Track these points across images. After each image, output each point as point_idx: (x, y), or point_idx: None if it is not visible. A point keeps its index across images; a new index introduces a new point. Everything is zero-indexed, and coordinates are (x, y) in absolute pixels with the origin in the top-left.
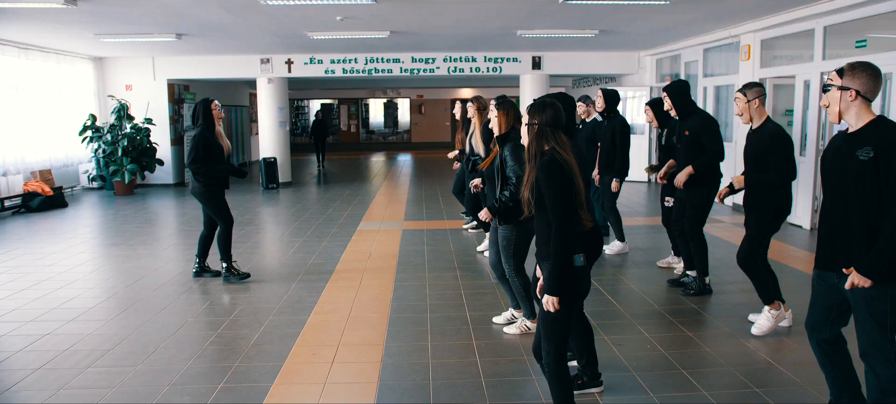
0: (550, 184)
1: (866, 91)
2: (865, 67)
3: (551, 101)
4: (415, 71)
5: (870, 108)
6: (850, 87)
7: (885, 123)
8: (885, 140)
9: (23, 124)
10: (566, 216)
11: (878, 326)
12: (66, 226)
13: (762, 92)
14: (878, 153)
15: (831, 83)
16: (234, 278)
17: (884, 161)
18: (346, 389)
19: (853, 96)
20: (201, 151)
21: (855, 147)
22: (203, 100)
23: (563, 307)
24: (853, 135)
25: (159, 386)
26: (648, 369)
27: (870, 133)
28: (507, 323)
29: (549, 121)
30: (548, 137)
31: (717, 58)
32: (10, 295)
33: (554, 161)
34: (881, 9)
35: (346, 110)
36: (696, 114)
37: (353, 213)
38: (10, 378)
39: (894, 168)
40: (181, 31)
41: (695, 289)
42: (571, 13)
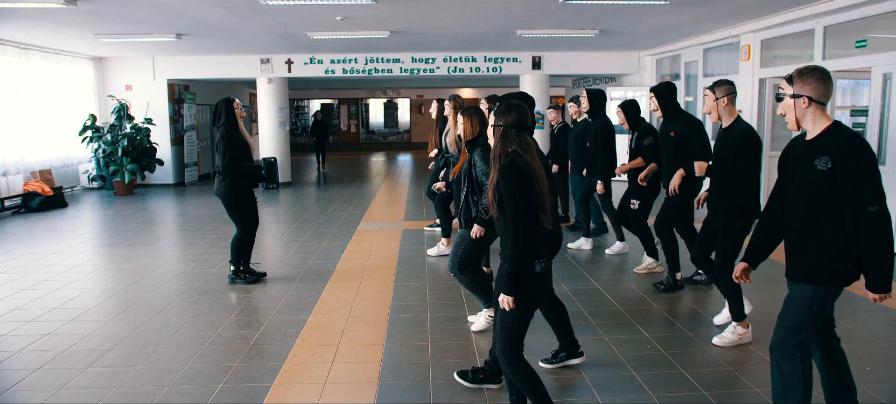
0: (510, 187)
1: (818, 96)
2: (814, 72)
3: (517, 103)
4: (415, 71)
5: (825, 113)
6: (801, 93)
7: (840, 131)
8: (841, 149)
9: (23, 124)
10: (525, 219)
11: (795, 324)
12: (66, 226)
13: (732, 89)
14: (836, 163)
15: (783, 92)
16: (241, 281)
17: (841, 171)
18: (346, 389)
19: (806, 103)
20: (234, 148)
21: (813, 155)
22: (225, 99)
23: (519, 308)
24: (811, 143)
25: (159, 386)
26: (648, 368)
27: (827, 141)
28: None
29: (514, 123)
30: (512, 139)
31: (718, 58)
32: (10, 295)
33: (514, 164)
34: (881, 9)
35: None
36: (681, 116)
37: (353, 213)
38: (10, 378)
39: (854, 180)
40: (181, 31)
41: (666, 285)
42: (571, 13)
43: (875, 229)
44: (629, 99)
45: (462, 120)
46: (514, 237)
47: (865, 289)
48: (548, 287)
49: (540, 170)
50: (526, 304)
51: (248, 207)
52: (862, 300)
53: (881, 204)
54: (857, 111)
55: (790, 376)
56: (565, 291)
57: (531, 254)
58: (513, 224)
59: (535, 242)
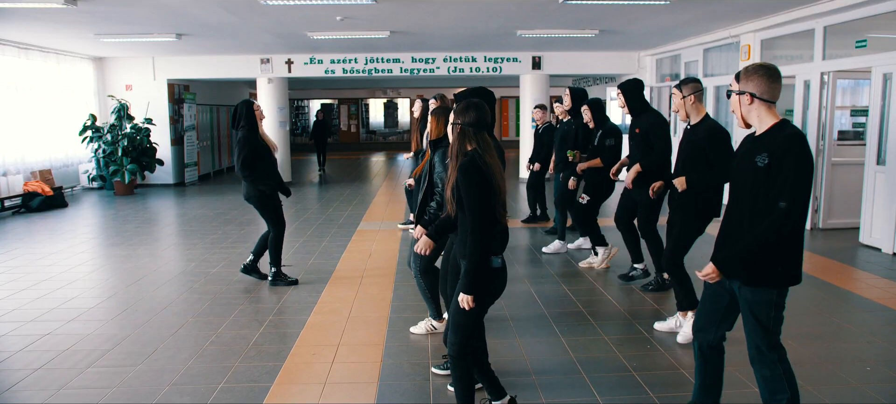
0: (468, 185)
1: (762, 93)
2: (760, 69)
3: (478, 102)
4: (415, 71)
5: (772, 111)
6: (744, 90)
7: (784, 129)
8: (779, 147)
9: (23, 124)
10: (484, 217)
11: (763, 330)
12: (66, 226)
13: (699, 88)
14: (772, 159)
15: (732, 88)
16: (281, 282)
17: (774, 167)
18: (347, 389)
19: (750, 100)
20: (249, 154)
21: (756, 151)
22: (245, 101)
23: (475, 304)
24: (757, 139)
25: (159, 386)
26: (647, 368)
27: (770, 138)
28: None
29: (473, 122)
30: (470, 138)
31: (718, 58)
32: (9, 295)
33: (473, 163)
34: (881, 9)
35: (346, 110)
36: (647, 113)
37: (353, 213)
38: (9, 378)
39: (782, 175)
40: (181, 31)
41: (654, 286)
42: (571, 13)
43: (772, 222)
44: (595, 97)
45: (430, 119)
46: (473, 234)
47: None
48: (503, 282)
49: (497, 167)
50: (482, 301)
51: (279, 207)
52: (861, 300)
53: (793, 204)
54: (857, 111)
55: (774, 380)
56: (565, 291)
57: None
58: (472, 221)
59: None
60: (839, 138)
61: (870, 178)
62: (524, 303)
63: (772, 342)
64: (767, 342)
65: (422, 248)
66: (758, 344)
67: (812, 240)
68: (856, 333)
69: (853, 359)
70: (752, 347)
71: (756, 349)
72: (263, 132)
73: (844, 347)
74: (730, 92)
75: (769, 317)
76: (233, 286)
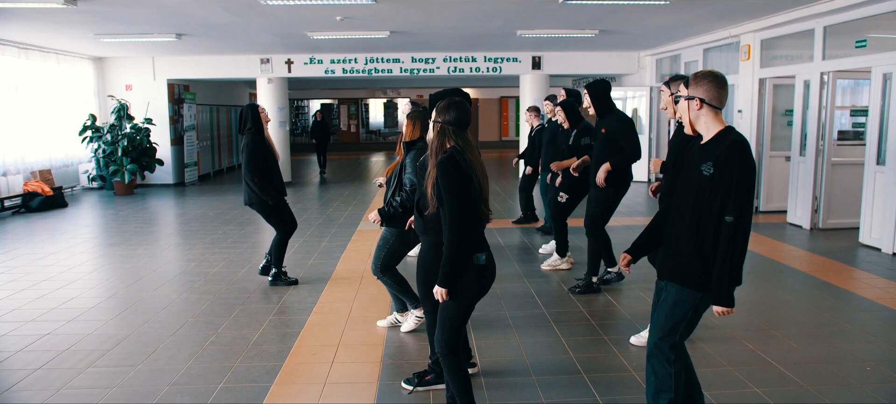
0: (447, 181)
1: (711, 99)
2: (708, 75)
3: (459, 101)
4: (415, 71)
5: (718, 118)
6: (694, 96)
7: (727, 136)
8: (723, 155)
9: (23, 124)
10: (462, 213)
11: (671, 328)
12: (66, 226)
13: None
14: (717, 168)
15: (679, 94)
16: (282, 283)
17: (718, 175)
18: (346, 389)
19: (699, 105)
20: (259, 159)
21: (702, 160)
22: (251, 105)
23: (460, 300)
24: (703, 148)
25: (159, 386)
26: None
27: (715, 146)
28: (391, 326)
29: (453, 121)
30: (450, 136)
31: (718, 58)
32: (9, 295)
33: (452, 159)
34: (881, 9)
35: (346, 110)
36: (612, 113)
37: (352, 213)
38: (9, 378)
39: (724, 185)
40: (181, 31)
41: (581, 287)
42: (571, 13)
43: (725, 240)
44: (568, 99)
45: (406, 122)
46: (450, 230)
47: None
48: (490, 279)
49: (478, 165)
50: (467, 297)
51: (283, 209)
52: (861, 299)
53: (739, 217)
54: (857, 111)
55: (664, 377)
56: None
57: (470, 246)
58: (450, 217)
59: (474, 235)
60: (839, 138)
61: (870, 178)
62: (522, 302)
63: (674, 341)
64: (671, 341)
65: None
66: (660, 342)
67: (812, 240)
68: (856, 333)
69: (853, 359)
70: (653, 340)
71: (656, 344)
72: (269, 136)
73: (844, 347)
74: (678, 97)
75: (684, 317)
76: (233, 286)
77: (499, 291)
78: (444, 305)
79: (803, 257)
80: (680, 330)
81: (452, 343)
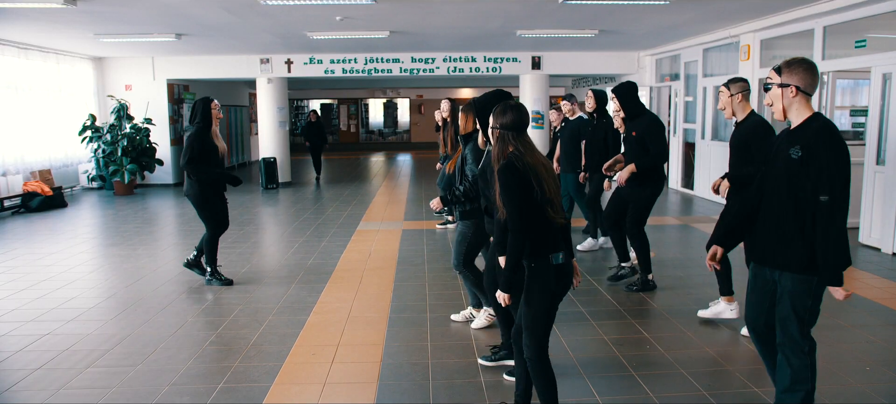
0: (505, 188)
1: (805, 86)
2: (802, 63)
3: (515, 104)
4: (414, 71)
5: (809, 104)
6: (789, 83)
7: (816, 121)
8: (812, 139)
9: (22, 124)
10: (521, 220)
11: (798, 319)
12: (66, 226)
13: (746, 87)
14: (806, 152)
15: (771, 81)
16: (216, 281)
17: (809, 159)
18: (346, 389)
19: (794, 92)
20: (197, 151)
21: (791, 144)
22: (203, 98)
23: (540, 304)
24: (793, 132)
25: (159, 386)
26: (645, 368)
27: (803, 130)
28: (466, 322)
29: (510, 125)
30: (509, 141)
31: (717, 58)
32: (9, 295)
33: (510, 166)
34: (881, 9)
35: (346, 110)
36: (643, 116)
37: (352, 213)
38: (9, 378)
39: (816, 168)
40: (181, 31)
41: (639, 286)
42: (571, 13)
43: (822, 220)
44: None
45: (461, 115)
46: (510, 236)
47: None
48: (569, 278)
49: (541, 168)
50: (547, 297)
51: (217, 210)
52: (860, 300)
53: (834, 196)
54: (857, 111)
55: (800, 369)
56: None
57: (541, 248)
58: (510, 223)
59: (543, 237)
60: None
61: (869, 178)
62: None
63: (805, 331)
64: (801, 331)
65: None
66: (791, 332)
67: None
68: (855, 334)
69: (853, 359)
70: (782, 334)
71: (788, 337)
72: (216, 132)
73: (844, 347)
74: (769, 85)
75: (805, 307)
76: (233, 285)
77: None
78: (525, 311)
79: None
80: (807, 319)
81: (541, 347)
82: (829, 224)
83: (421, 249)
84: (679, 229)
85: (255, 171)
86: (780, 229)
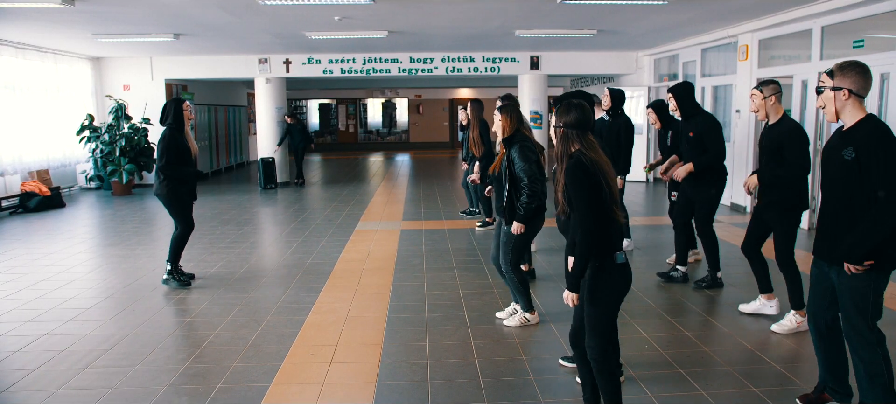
0: (576, 187)
1: (858, 89)
2: (854, 66)
3: (578, 102)
4: (413, 71)
5: (862, 106)
6: (842, 86)
7: (869, 122)
8: (864, 140)
9: (20, 124)
10: (592, 218)
11: (859, 312)
12: (64, 226)
13: (778, 89)
14: (859, 153)
15: (824, 85)
16: (175, 282)
17: (863, 160)
18: (345, 389)
19: (846, 95)
20: (173, 153)
21: (843, 146)
22: (174, 99)
23: (606, 303)
24: (846, 134)
25: (157, 387)
26: (645, 368)
27: (856, 132)
28: (509, 317)
29: (574, 123)
30: (573, 139)
31: (716, 58)
32: (7, 295)
33: (579, 164)
34: (879, 9)
35: (345, 110)
36: (700, 116)
37: (351, 213)
38: (7, 378)
39: (873, 166)
40: (179, 31)
41: (708, 283)
42: (570, 13)
43: (878, 210)
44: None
45: (500, 117)
46: (582, 235)
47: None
48: (629, 277)
49: (606, 165)
50: (614, 298)
51: (187, 208)
52: None
53: (890, 189)
54: None
55: (871, 363)
56: None
57: (607, 248)
58: (581, 222)
59: (610, 236)
60: None
61: None
62: None
63: (871, 325)
64: (867, 324)
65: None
66: (857, 326)
67: (809, 240)
68: None
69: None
70: (848, 327)
71: (855, 330)
72: (188, 133)
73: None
74: (821, 88)
75: (867, 302)
76: (231, 286)
77: None
78: (590, 312)
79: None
80: (870, 313)
81: (606, 347)
82: (883, 216)
83: (419, 249)
84: None
85: (254, 172)
86: (836, 227)
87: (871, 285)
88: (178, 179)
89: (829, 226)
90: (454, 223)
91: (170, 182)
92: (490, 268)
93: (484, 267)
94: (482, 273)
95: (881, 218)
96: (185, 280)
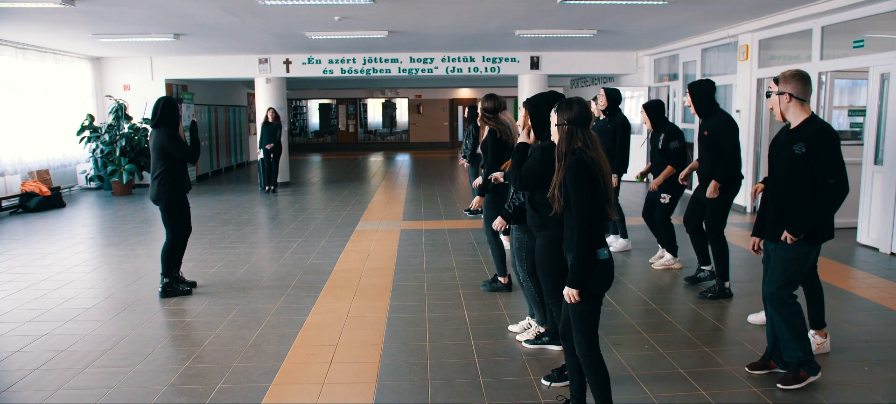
0: (577, 184)
1: (798, 93)
2: (796, 74)
3: (577, 99)
4: (413, 71)
5: (804, 108)
6: (785, 91)
7: (814, 123)
8: (814, 137)
9: (20, 124)
10: (591, 216)
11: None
12: (64, 226)
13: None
14: (809, 148)
15: (771, 89)
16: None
17: (812, 155)
18: (345, 389)
19: (788, 99)
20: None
21: (792, 141)
22: (166, 97)
23: (590, 299)
24: (793, 131)
25: (157, 387)
26: (646, 368)
27: (804, 130)
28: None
29: (576, 119)
30: (577, 136)
31: (716, 58)
32: (7, 295)
33: (581, 161)
34: (879, 9)
35: (345, 110)
36: (716, 115)
37: (351, 213)
38: (7, 378)
39: (822, 159)
40: (179, 31)
41: (714, 293)
42: (570, 13)
43: (825, 195)
44: (654, 99)
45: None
46: (579, 232)
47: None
48: (611, 272)
49: (605, 164)
50: (596, 295)
51: (186, 212)
52: (859, 300)
53: (838, 178)
54: (855, 111)
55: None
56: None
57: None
58: (579, 219)
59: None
60: None
61: (867, 178)
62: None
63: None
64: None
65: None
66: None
67: None
68: (854, 334)
69: (851, 359)
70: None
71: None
72: (181, 133)
73: (842, 347)
74: (769, 92)
75: (797, 271)
76: (231, 285)
77: None
78: (576, 308)
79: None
80: (796, 281)
81: (592, 341)
82: (830, 198)
83: (420, 249)
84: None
85: (254, 172)
86: (780, 210)
87: (801, 254)
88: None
89: (774, 210)
90: (454, 223)
91: (171, 184)
92: (490, 268)
93: (484, 267)
94: (483, 273)
95: (831, 199)
96: (186, 289)
